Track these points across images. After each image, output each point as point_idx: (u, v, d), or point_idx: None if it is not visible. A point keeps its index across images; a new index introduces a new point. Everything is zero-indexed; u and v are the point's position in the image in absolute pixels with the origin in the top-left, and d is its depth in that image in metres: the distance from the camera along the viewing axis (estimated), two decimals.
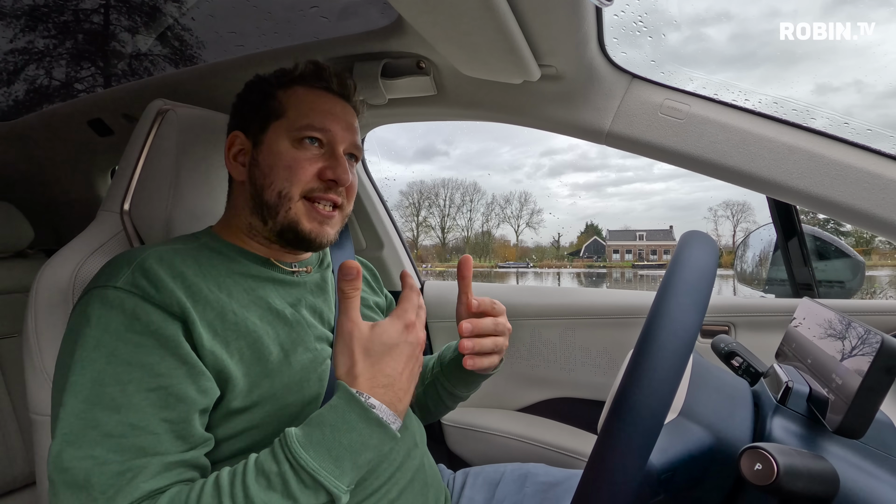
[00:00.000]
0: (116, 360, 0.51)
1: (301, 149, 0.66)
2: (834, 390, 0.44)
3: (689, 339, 0.41)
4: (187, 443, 0.52)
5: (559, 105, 0.90)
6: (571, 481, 0.81)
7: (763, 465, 0.37)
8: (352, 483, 0.50)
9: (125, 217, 0.76)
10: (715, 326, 1.08)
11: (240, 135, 0.70)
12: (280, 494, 0.47)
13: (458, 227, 41.67)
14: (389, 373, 0.54)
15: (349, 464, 0.49)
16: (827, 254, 1.17)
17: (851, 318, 0.47)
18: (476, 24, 0.62)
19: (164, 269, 0.57)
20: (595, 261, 32.74)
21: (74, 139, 1.40)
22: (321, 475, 0.48)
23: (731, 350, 0.66)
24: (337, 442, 0.49)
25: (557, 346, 1.19)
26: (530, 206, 39.29)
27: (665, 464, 0.46)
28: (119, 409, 0.49)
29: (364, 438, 0.50)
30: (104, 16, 1.95)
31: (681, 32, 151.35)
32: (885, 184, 0.76)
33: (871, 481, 0.43)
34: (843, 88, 54.21)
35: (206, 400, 0.54)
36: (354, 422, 0.50)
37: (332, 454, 0.49)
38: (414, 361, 0.57)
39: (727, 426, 0.50)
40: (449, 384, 0.79)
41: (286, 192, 0.65)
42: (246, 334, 0.59)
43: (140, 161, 0.77)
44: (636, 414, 0.39)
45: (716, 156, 0.83)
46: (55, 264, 0.69)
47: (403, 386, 0.55)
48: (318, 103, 0.69)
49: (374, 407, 0.51)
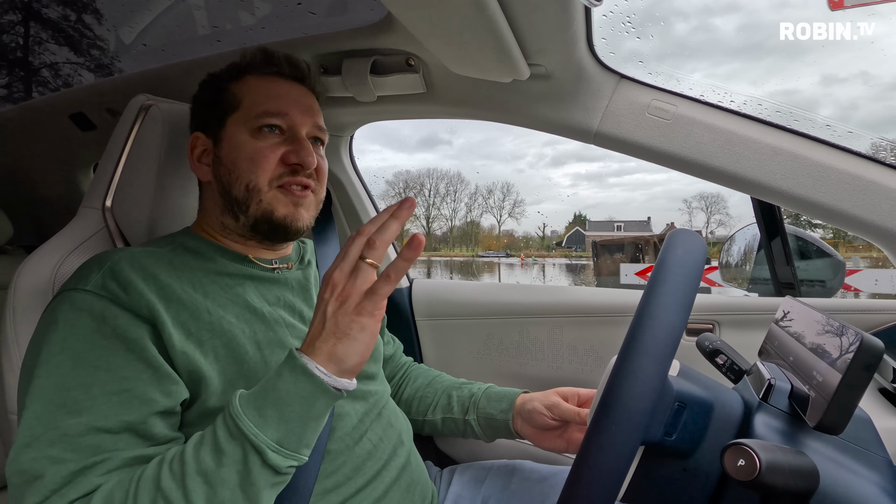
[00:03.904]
0: (82, 364, 0.50)
1: (261, 138, 0.65)
2: (815, 387, 0.45)
3: (674, 337, 0.41)
4: (148, 441, 0.51)
5: (548, 104, 0.91)
6: (558, 477, 0.81)
7: (746, 462, 0.38)
8: (283, 440, 0.47)
9: (107, 214, 0.75)
10: (700, 325, 1.10)
11: (200, 135, 0.69)
12: (210, 448, 0.47)
13: (443, 217, 41.75)
14: (313, 332, 0.50)
15: (273, 413, 0.47)
16: (809, 253, 1.20)
17: (832, 316, 0.48)
18: (466, 23, 0.62)
19: (136, 271, 0.56)
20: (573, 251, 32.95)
21: (55, 133, 1.37)
22: (241, 422, 0.46)
23: (716, 348, 0.67)
24: (263, 391, 0.48)
25: (545, 344, 1.20)
26: (513, 196, 39.62)
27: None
28: (82, 412, 0.48)
29: (289, 387, 0.48)
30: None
31: (688, 23, 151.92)
32: (864, 185, 0.78)
33: (849, 476, 0.44)
34: (850, 80, 55.17)
35: (171, 402, 0.53)
36: (283, 371, 0.49)
37: (256, 402, 0.48)
38: (328, 314, 0.49)
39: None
40: (482, 434, 0.83)
41: (253, 184, 0.64)
42: (221, 333, 0.58)
43: (123, 157, 0.75)
44: (623, 411, 0.39)
45: (702, 156, 0.84)
46: (34, 262, 0.67)
47: (326, 335, 0.49)
48: (271, 89, 0.67)
49: (307, 361, 0.48)
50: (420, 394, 0.89)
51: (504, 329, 1.23)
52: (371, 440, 0.67)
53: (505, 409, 0.80)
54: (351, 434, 0.65)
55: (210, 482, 0.45)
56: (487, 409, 0.82)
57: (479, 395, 0.84)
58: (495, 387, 0.86)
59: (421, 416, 0.87)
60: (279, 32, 0.95)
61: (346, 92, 0.96)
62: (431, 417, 0.86)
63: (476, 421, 0.82)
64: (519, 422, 0.79)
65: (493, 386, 0.87)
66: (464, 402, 0.85)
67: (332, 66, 0.93)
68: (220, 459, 0.46)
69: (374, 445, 0.67)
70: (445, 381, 0.91)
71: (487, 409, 0.82)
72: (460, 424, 0.84)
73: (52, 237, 0.71)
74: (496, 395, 0.83)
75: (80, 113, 1.27)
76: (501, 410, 0.81)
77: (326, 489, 0.61)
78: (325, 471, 0.61)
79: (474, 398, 0.84)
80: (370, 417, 0.69)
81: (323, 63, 0.94)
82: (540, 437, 0.78)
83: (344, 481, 0.63)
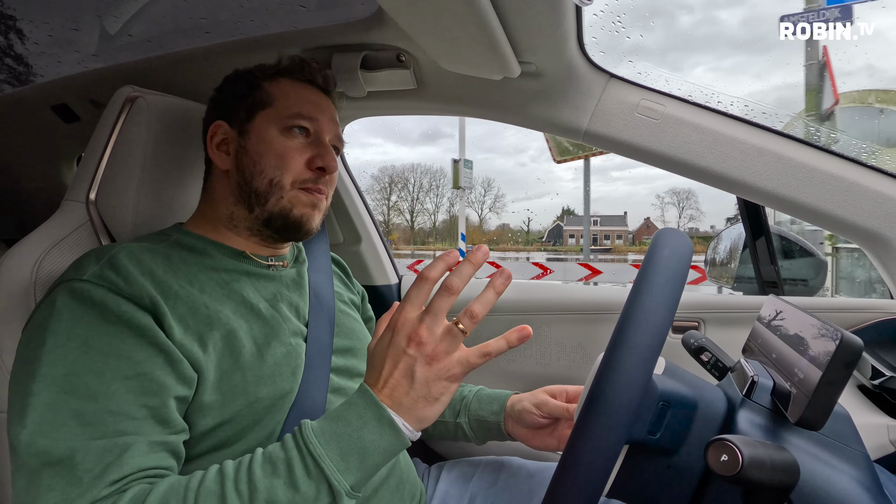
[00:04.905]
0: (91, 350, 0.49)
1: (289, 137, 0.67)
2: (796, 384, 0.46)
3: (660, 335, 0.42)
4: (169, 427, 0.51)
5: (538, 102, 0.91)
6: (545, 473, 0.82)
7: (729, 457, 0.38)
8: (357, 485, 0.48)
9: (91, 207, 0.73)
10: (685, 322, 1.11)
11: (223, 124, 0.70)
12: (284, 481, 0.46)
13: (427, 212, 41.91)
14: (392, 384, 0.50)
15: (356, 460, 0.48)
16: (792, 253, 1.22)
17: (814, 314, 0.49)
18: (457, 19, 0.62)
19: (134, 264, 0.56)
20: (553, 245, 33.13)
21: (38, 124, 1.34)
22: (325, 464, 0.46)
23: (701, 345, 0.68)
24: (347, 436, 0.48)
25: (533, 342, 1.20)
26: (493, 191, 39.87)
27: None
28: (97, 397, 0.47)
29: (375, 438, 0.48)
30: None
31: (693, 16, 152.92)
32: (847, 186, 0.79)
33: (828, 471, 0.45)
34: (855, 73, 55.25)
35: (186, 388, 0.53)
36: (368, 419, 0.49)
37: (340, 447, 0.48)
38: (417, 375, 0.49)
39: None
40: (474, 437, 0.84)
41: (277, 180, 0.66)
42: (219, 326, 0.58)
43: (108, 149, 0.74)
44: (609, 408, 0.40)
45: (689, 156, 0.85)
46: (15, 255, 0.66)
47: (415, 396, 0.49)
48: (304, 94, 0.71)
49: (394, 416, 0.49)
50: None
51: (493, 326, 1.23)
52: None
53: (496, 411, 0.81)
54: None
55: None
56: (479, 411, 0.82)
57: (470, 398, 0.85)
58: (486, 389, 0.87)
59: None
60: (268, 26, 0.93)
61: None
62: None
63: (468, 424, 0.83)
64: (510, 423, 0.80)
65: (483, 388, 0.87)
66: (454, 404, 0.85)
67: (322, 61, 0.92)
68: (293, 496, 0.46)
69: None
70: None
71: (479, 412, 0.82)
72: (451, 427, 0.84)
73: (34, 231, 0.70)
74: (487, 397, 0.84)
75: (64, 104, 1.24)
76: (493, 412, 0.81)
77: None
78: None
79: (465, 401, 0.85)
80: None
81: (313, 57, 0.93)
82: (531, 436, 0.78)
83: None
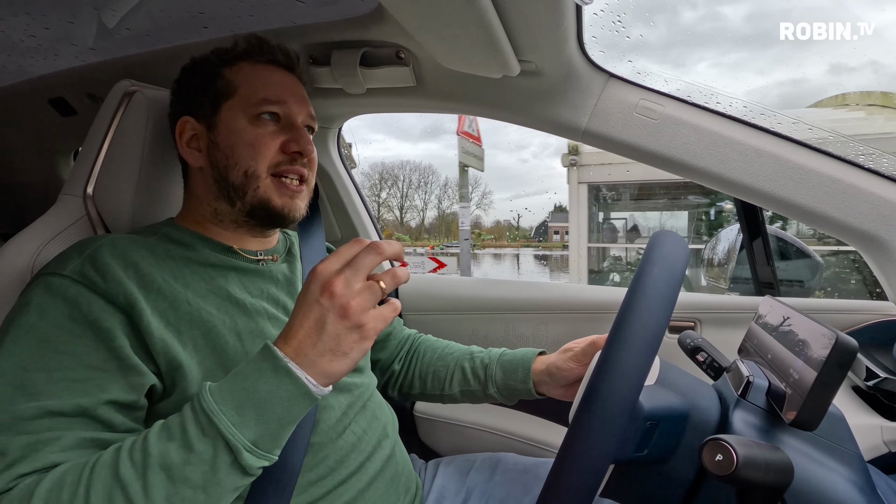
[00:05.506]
0: (46, 347, 0.49)
1: (259, 125, 0.66)
2: (791, 385, 0.46)
3: (656, 335, 0.42)
4: (106, 427, 0.50)
5: (537, 101, 0.91)
6: (542, 469, 0.82)
7: (724, 456, 0.39)
8: (259, 440, 0.45)
9: (88, 201, 0.73)
10: (681, 322, 1.12)
11: (189, 120, 0.68)
12: (178, 443, 0.44)
13: (416, 209, 42.17)
14: (301, 336, 0.47)
15: (252, 413, 0.45)
16: (788, 254, 1.22)
17: (809, 315, 0.49)
18: (457, 16, 0.62)
19: (117, 259, 0.55)
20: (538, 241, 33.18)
21: (34, 118, 1.33)
22: (218, 419, 0.44)
23: (697, 345, 0.69)
24: (242, 390, 0.46)
25: (530, 340, 1.21)
26: (481, 188, 40.07)
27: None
28: (39, 395, 0.47)
29: (272, 388, 0.46)
30: None
31: (696, 11, 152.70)
32: (844, 188, 0.79)
33: (822, 471, 0.45)
34: (859, 69, 55.74)
35: (133, 395, 0.52)
36: (264, 370, 0.46)
37: (235, 400, 0.45)
38: (328, 327, 0.46)
39: (699, 401, 0.52)
40: (506, 400, 0.84)
41: (252, 170, 0.65)
42: (200, 324, 0.58)
43: (105, 143, 0.73)
44: (605, 406, 0.40)
45: (687, 156, 0.85)
46: (12, 249, 0.65)
47: (322, 348, 0.47)
48: (267, 77, 0.68)
49: (291, 364, 0.46)
50: (432, 369, 0.89)
51: (489, 324, 1.23)
52: (355, 432, 0.67)
53: (523, 379, 0.81)
54: (335, 427, 0.65)
55: (173, 478, 0.44)
56: (507, 380, 0.82)
57: (494, 368, 0.84)
58: (508, 353, 0.85)
59: (438, 391, 0.87)
60: (268, 21, 0.93)
61: (335, 83, 0.95)
62: (449, 391, 0.86)
63: (498, 393, 0.83)
64: (544, 387, 0.79)
65: (505, 352, 0.85)
66: (478, 373, 0.85)
67: (322, 57, 0.92)
68: (187, 456, 0.44)
69: (358, 438, 0.67)
70: (455, 353, 0.90)
71: (507, 381, 0.82)
72: (480, 396, 0.85)
73: (31, 224, 0.69)
74: (510, 365, 0.83)
75: (61, 98, 1.23)
76: (520, 381, 0.81)
77: (310, 481, 0.61)
78: (308, 463, 0.61)
79: (489, 371, 0.84)
80: (354, 410, 0.69)
81: (312, 53, 0.93)
82: (571, 393, 0.78)
83: (327, 473, 0.62)
